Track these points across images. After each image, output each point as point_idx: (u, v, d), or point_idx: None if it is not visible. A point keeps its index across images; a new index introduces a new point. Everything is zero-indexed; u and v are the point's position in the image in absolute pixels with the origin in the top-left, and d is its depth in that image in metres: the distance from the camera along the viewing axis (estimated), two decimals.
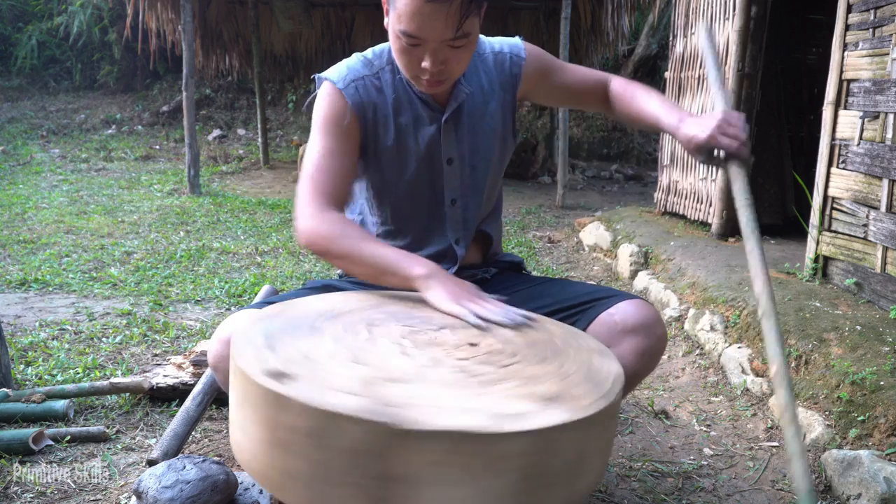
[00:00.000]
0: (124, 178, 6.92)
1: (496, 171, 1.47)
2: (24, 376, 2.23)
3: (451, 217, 1.43)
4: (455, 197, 1.42)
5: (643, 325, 1.27)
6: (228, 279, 3.46)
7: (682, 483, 1.74)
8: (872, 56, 2.53)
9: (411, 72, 1.27)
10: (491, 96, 1.42)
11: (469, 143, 1.40)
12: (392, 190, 1.42)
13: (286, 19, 7.81)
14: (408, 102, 1.37)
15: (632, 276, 3.65)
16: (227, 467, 1.47)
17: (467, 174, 1.42)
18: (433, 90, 1.30)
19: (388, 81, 1.37)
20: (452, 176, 1.41)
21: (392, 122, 1.36)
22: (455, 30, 1.18)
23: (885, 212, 2.43)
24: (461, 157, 1.40)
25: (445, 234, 1.45)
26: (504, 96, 1.43)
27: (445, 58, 1.23)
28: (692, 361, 2.58)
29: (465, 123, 1.39)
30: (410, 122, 1.37)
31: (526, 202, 6.37)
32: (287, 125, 10.49)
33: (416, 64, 1.24)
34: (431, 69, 1.23)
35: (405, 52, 1.23)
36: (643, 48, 10.25)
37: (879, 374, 1.92)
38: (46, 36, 10.41)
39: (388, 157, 1.38)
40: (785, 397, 1.00)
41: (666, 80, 4.68)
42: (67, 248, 3.99)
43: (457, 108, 1.38)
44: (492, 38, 1.47)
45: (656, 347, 1.30)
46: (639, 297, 1.34)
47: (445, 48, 1.21)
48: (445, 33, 1.18)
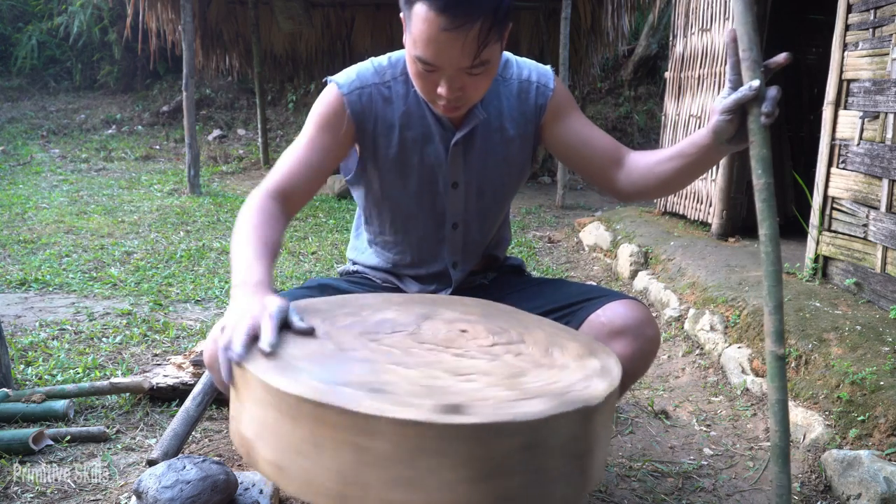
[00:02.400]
0: (124, 178, 6.92)
1: (506, 195, 1.42)
2: (24, 376, 2.23)
3: (450, 240, 1.40)
4: (457, 221, 1.39)
5: (630, 327, 1.23)
6: (228, 279, 3.46)
7: (682, 483, 1.74)
8: (872, 56, 2.53)
9: (427, 97, 1.23)
10: (510, 124, 1.35)
11: (479, 169, 1.35)
12: (390, 203, 1.38)
13: (286, 19, 7.82)
14: (419, 117, 1.32)
15: (632, 276, 3.65)
16: (227, 467, 1.47)
17: (473, 200, 1.37)
18: (450, 115, 1.26)
19: (400, 93, 1.32)
20: (456, 200, 1.36)
21: (397, 134, 1.32)
22: (473, 58, 1.13)
23: (885, 212, 2.43)
24: (468, 182, 1.36)
25: (443, 257, 1.42)
26: (526, 127, 1.36)
27: (463, 84, 1.18)
28: (692, 361, 2.58)
29: (476, 148, 1.34)
30: (418, 137, 1.32)
31: (526, 202, 6.37)
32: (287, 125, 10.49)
33: (432, 89, 1.19)
34: (448, 96, 1.18)
35: (421, 77, 1.19)
36: (643, 48, 10.25)
37: (879, 374, 1.92)
38: (46, 36, 10.42)
39: (388, 169, 1.34)
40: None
41: (666, 80, 4.68)
42: (67, 248, 3.99)
43: (469, 132, 1.32)
44: (522, 61, 1.39)
45: (646, 349, 1.25)
46: (630, 297, 1.31)
47: (463, 75, 1.16)
48: (462, 61, 1.13)
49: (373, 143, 1.33)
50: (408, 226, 1.40)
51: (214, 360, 1.19)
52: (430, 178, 1.34)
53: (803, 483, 1.74)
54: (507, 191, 1.41)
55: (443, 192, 1.36)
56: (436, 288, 1.44)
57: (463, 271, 1.43)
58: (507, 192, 1.41)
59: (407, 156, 1.33)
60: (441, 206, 1.37)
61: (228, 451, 1.81)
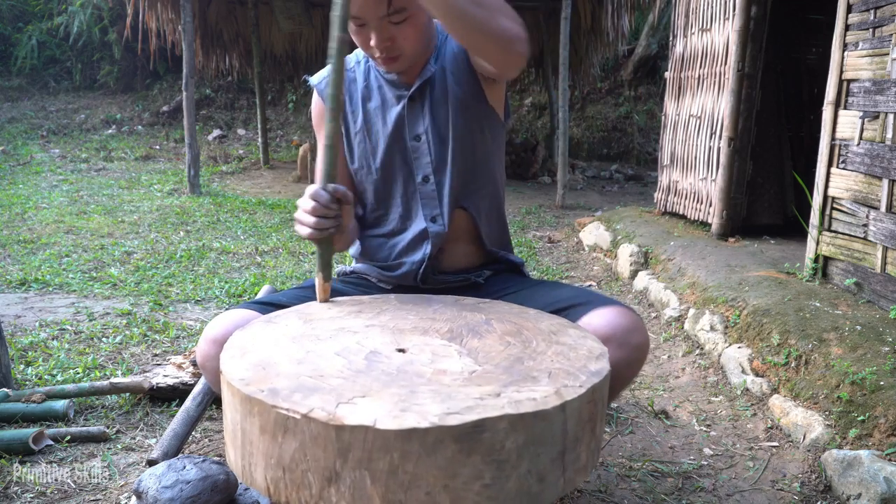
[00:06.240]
0: (124, 178, 6.92)
1: (472, 144, 1.42)
2: (24, 376, 2.23)
3: (424, 194, 1.43)
4: (427, 174, 1.43)
5: (615, 335, 1.20)
6: (228, 279, 3.46)
7: (682, 483, 1.74)
8: (872, 56, 2.53)
9: (366, 52, 1.34)
10: (453, 68, 1.41)
11: (437, 119, 1.41)
12: (368, 174, 1.46)
13: (286, 19, 7.82)
14: (377, 88, 1.44)
15: (632, 276, 3.65)
16: (227, 467, 1.47)
17: (436, 149, 1.41)
18: (390, 67, 1.35)
19: (361, 73, 1.46)
20: (421, 153, 1.42)
21: (360, 107, 1.44)
22: (387, 5, 1.24)
23: (885, 212, 2.43)
24: (427, 132, 1.41)
25: (421, 213, 1.44)
26: (459, 63, 1.41)
27: (391, 35, 1.29)
28: (692, 361, 2.58)
29: (431, 100, 1.41)
30: (378, 105, 1.43)
31: (526, 202, 6.37)
32: (287, 125, 10.50)
33: (367, 44, 1.31)
34: (378, 46, 1.29)
35: (355, 33, 1.30)
36: (643, 48, 10.26)
37: (879, 374, 1.92)
38: (46, 36, 10.42)
39: (358, 142, 1.45)
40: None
41: (666, 80, 4.68)
42: (67, 248, 3.99)
43: (421, 85, 1.40)
44: None
45: (632, 357, 1.22)
46: (620, 303, 1.28)
47: (388, 25, 1.27)
48: (378, 9, 1.25)
49: (345, 119, 1.46)
50: (388, 191, 1.46)
51: (206, 358, 1.21)
52: (395, 137, 1.42)
53: (803, 483, 1.75)
54: (471, 137, 1.42)
55: (408, 147, 1.43)
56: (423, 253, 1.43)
57: (441, 226, 1.42)
58: (471, 138, 1.42)
59: (371, 123, 1.44)
60: (409, 161, 1.44)
61: None
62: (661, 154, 4.70)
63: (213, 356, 1.17)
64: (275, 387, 0.89)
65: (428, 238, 1.43)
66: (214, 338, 1.20)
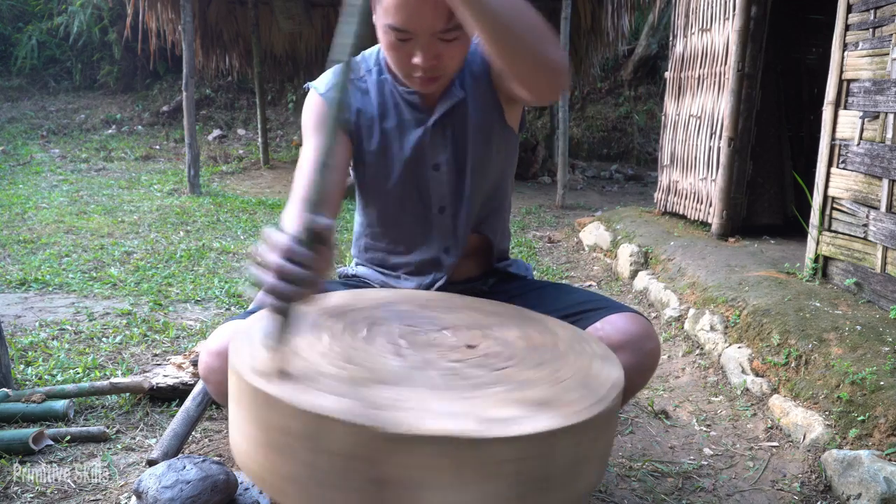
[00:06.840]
0: (124, 178, 6.92)
1: (489, 171, 1.36)
2: (24, 376, 2.23)
3: (439, 225, 1.38)
4: (444, 205, 1.36)
5: (629, 342, 1.20)
6: (228, 279, 3.46)
7: (682, 483, 1.74)
8: (872, 56, 2.53)
9: (403, 69, 1.19)
10: (476, 93, 1.31)
11: (457, 148, 1.33)
12: (377, 195, 1.38)
13: (286, 19, 7.82)
14: (393, 106, 1.31)
15: (632, 276, 3.65)
16: (227, 467, 1.47)
17: (455, 181, 1.35)
18: (427, 88, 1.22)
19: (374, 84, 1.32)
20: (439, 183, 1.34)
21: (377, 126, 1.31)
22: (447, 20, 1.09)
23: (885, 212, 2.43)
24: (449, 162, 1.33)
25: (434, 243, 1.39)
26: (480, 88, 1.31)
27: (438, 52, 1.14)
28: (692, 361, 2.58)
29: (453, 127, 1.32)
30: (395, 126, 1.31)
31: (526, 202, 6.37)
32: (287, 125, 10.49)
33: (407, 60, 1.16)
34: (423, 65, 1.15)
35: (395, 47, 1.15)
36: (643, 48, 10.26)
37: (879, 374, 1.92)
38: (46, 36, 10.42)
39: (372, 161, 1.34)
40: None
41: (666, 80, 4.68)
42: (67, 248, 3.99)
43: (445, 112, 1.30)
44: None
45: (645, 364, 1.23)
46: (632, 309, 1.27)
47: (437, 42, 1.13)
48: (436, 24, 1.10)
49: (357, 134, 1.33)
50: (396, 215, 1.39)
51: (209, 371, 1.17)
52: (412, 164, 1.33)
53: (803, 483, 1.75)
54: (489, 165, 1.35)
55: (426, 176, 1.34)
56: (432, 278, 1.41)
57: (455, 256, 1.40)
58: (490, 167, 1.36)
59: (388, 145, 1.32)
60: (426, 190, 1.35)
61: (228, 451, 1.81)
62: (661, 154, 4.70)
63: (217, 369, 1.14)
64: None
65: (441, 267, 1.40)
66: (217, 350, 1.17)
